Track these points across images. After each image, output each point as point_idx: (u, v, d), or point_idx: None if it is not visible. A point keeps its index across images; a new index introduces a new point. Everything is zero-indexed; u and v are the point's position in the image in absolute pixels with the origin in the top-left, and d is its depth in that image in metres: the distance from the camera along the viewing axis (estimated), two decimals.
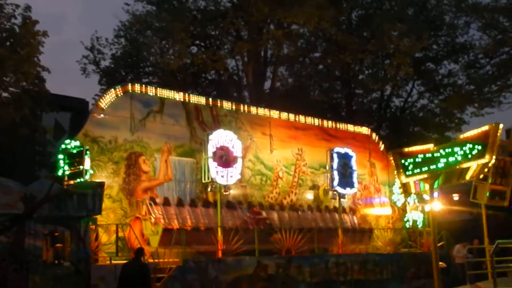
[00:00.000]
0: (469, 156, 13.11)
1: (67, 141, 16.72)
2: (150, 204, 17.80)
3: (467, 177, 14.24)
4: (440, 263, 16.49)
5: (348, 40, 31.66)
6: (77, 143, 16.61)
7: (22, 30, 19.67)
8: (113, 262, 15.55)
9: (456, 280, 20.82)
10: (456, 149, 13.34)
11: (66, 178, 16.05)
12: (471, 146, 13.14)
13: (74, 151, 16.40)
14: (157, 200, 18.28)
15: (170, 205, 18.45)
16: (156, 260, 16.42)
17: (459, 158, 13.25)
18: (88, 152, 16.31)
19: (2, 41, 19.41)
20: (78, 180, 15.87)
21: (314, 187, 24.11)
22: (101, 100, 18.42)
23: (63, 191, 14.80)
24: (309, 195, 23.77)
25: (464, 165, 13.33)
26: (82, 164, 16.02)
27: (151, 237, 17.52)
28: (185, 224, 18.21)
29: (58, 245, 14.64)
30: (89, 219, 15.14)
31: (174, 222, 17.99)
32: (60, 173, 16.26)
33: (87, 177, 16.04)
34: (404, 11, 34.93)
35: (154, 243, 17.26)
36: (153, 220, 17.57)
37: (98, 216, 15.69)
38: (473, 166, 13.54)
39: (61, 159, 16.38)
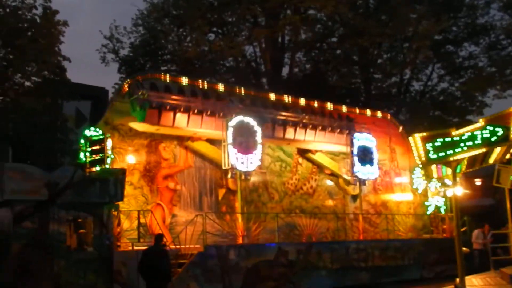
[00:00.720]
0: (492, 139, 12.98)
1: (89, 129, 16.85)
2: None
3: (491, 161, 14.15)
4: (463, 248, 16.44)
5: (365, 24, 31.35)
6: (98, 131, 16.73)
7: (42, 20, 19.78)
8: (135, 248, 15.70)
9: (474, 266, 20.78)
10: (478, 132, 13.21)
11: (88, 165, 16.19)
12: (493, 129, 13.01)
13: (96, 139, 16.53)
14: None
15: None
16: (177, 246, 16.55)
17: (481, 141, 13.13)
18: (109, 139, 16.43)
19: (24, 31, 19.54)
20: (100, 167, 16.00)
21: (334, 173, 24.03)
22: (121, 88, 18.50)
23: (85, 177, 15.00)
24: (329, 181, 23.72)
25: (487, 149, 13.23)
26: (104, 151, 16.14)
27: None
28: None
29: (81, 230, 14.86)
30: (111, 206, 15.33)
31: None
32: (82, 160, 16.40)
33: (108, 164, 16.16)
34: None
35: None
36: None
37: (120, 203, 15.86)
38: (496, 149, 13.43)
39: (83, 146, 16.52)
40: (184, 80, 19.39)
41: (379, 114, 26.31)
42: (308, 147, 22.66)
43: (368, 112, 26.01)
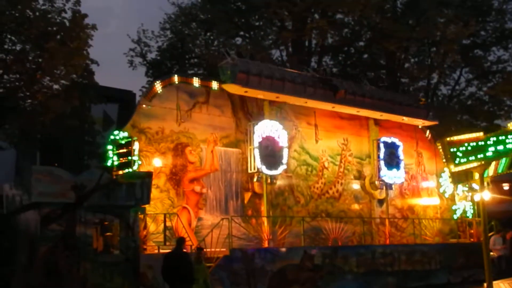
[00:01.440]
0: None
1: (116, 132, 16.99)
2: None
3: None
4: (491, 253, 16.25)
5: (393, 28, 31.16)
6: (126, 134, 16.87)
7: (71, 24, 19.98)
8: (161, 251, 15.80)
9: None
10: (506, 137, 13.04)
11: (115, 168, 16.32)
12: None
13: (123, 142, 16.67)
14: None
15: None
16: (203, 250, 16.60)
17: (510, 146, 12.96)
18: (136, 142, 16.55)
19: (53, 34, 19.75)
20: (127, 170, 16.12)
21: (360, 176, 23.89)
22: (148, 91, 18.66)
23: (112, 180, 15.11)
24: (355, 185, 23.61)
25: None
26: (131, 154, 16.26)
27: None
28: None
29: (108, 233, 14.97)
30: (137, 209, 15.41)
31: None
32: (109, 163, 16.55)
33: (135, 167, 16.27)
34: None
35: None
36: None
37: (146, 206, 15.94)
38: None
39: (110, 149, 16.67)
40: (207, 83, 19.59)
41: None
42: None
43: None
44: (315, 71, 22.59)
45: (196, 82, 19.63)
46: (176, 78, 19.23)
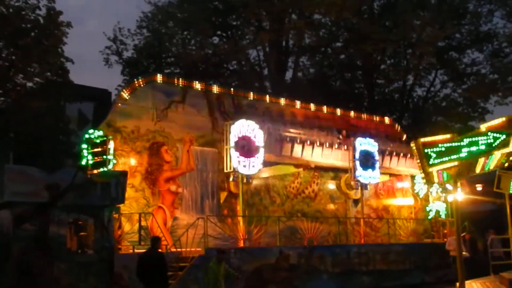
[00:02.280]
0: (493, 145, 12.96)
1: (91, 131, 16.85)
2: None
3: (492, 167, 14.11)
4: (463, 253, 16.42)
5: (370, 30, 31.43)
6: (101, 133, 16.74)
7: (46, 21, 19.83)
8: (136, 250, 15.69)
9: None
10: (480, 138, 13.18)
11: (89, 168, 16.18)
12: (495, 135, 12.98)
13: (98, 141, 16.54)
14: None
15: None
16: (178, 249, 16.55)
17: (483, 147, 13.10)
18: (111, 141, 16.43)
19: (27, 31, 19.57)
20: (102, 169, 15.99)
21: (336, 177, 24.00)
22: (124, 90, 18.55)
23: (86, 180, 14.97)
24: (331, 185, 23.70)
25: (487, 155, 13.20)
26: (106, 153, 16.14)
27: None
28: None
29: (82, 233, 14.82)
30: (112, 208, 15.28)
31: None
32: (84, 162, 16.41)
33: (110, 166, 16.15)
34: (427, 0, 34.55)
35: None
36: None
37: (121, 205, 15.83)
38: (496, 155, 13.41)
39: (84, 148, 16.53)
40: (183, 82, 19.57)
41: (381, 119, 26.33)
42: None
43: (371, 117, 26.07)
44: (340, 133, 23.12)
45: (172, 81, 19.57)
46: (152, 77, 19.16)
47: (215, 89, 20.86)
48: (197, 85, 20.20)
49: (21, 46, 18.99)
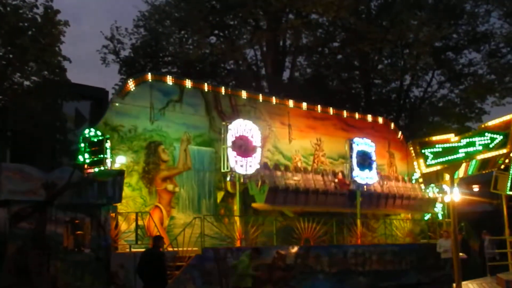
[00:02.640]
0: (490, 146, 13.02)
1: (88, 129, 16.84)
2: None
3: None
4: (460, 254, 16.43)
5: (367, 30, 31.44)
6: (98, 131, 16.72)
7: (43, 20, 19.78)
8: (133, 250, 15.71)
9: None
10: (477, 139, 13.25)
11: (86, 166, 16.17)
12: (492, 136, 13.04)
13: (95, 140, 16.53)
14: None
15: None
16: (175, 249, 16.54)
17: (480, 148, 13.16)
18: (108, 140, 16.41)
19: (24, 30, 19.51)
20: (99, 168, 15.98)
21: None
22: (121, 89, 18.54)
23: (83, 178, 14.97)
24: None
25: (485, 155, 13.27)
26: (103, 152, 16.13)
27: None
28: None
29: (79, 232, 14.82)
30: (109, 207, 15.29)
31: None
32: (81, 161, 16.39)
33: (107, 165, 16.14)
34: (424, 0, 34.59)
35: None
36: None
37: (118, 204, 15.83)
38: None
39: (82, 147, 16.51)
40: (181, 82, 19.55)
41: (379, 119, 26.35)
42: None
43: (368, 117, 26.08)
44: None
45: (169, 80, 19.57)
46: (149, 76, 19.14)
47: (212, 88, 20.83)
48: (195, 85, 20.17)
49: (18, 45, 18.92)
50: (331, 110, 24.69)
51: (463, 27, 36.00)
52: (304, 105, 23.73)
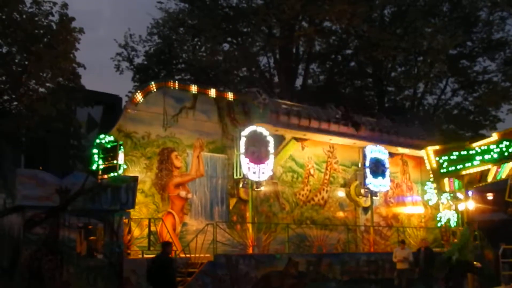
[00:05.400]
0: (506, 153, 12.92)
1: (102, 135, 16.92)
2: None
3: (503, 175, 14.08)
4: (474, 262, 16.28)
5: (380, 37, 31.34)
6: (111, 138, 16.80)
7: (59, 27, 19.96)
8: (145, 256, 15.73)
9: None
10: (492, 146, 13.14)
11: (100, 172, 16.24)
12: (507, 143, 12.94)
13: (109, 146, 16.60)
14: None
15: None
16: (187, 255, 16.55)
17: (496, 155, 13.06)
18: (122, 147, 16.48)
19: (40, 37, 19.69)
20: (112, 174, 16.04)
21: (346, 184, 23.92)
22: (134, 96, 18.62)
23: (97, 184, 15.01)
24: (340, 193, 23.64)
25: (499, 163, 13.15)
26: (116, 158, 16.19)
27: None
28: None
29: (92, 237, 14.86)
30: (122, 213, 15.32)
31: None
32: (94, 167, 16.46)
33: (120, 171, 16.19)
34: (438, 8, 34.47)
35: None
36: None
37: (131, 210, 15.86)
38: (509, 164, 13.37)
39: (95, 153, 16.59)
40: (194, 88, 19.63)
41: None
42: None
43: None
44: (338, 108, 23.45)
45: (183, 87, 19.63)
46: (163, 83, 19.22)
47: (226, 95, 20.87)
48: (208, 91, 20.22)
49: (34, 52, 19.11)
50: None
51: (477, 34, 35.81)
52: None
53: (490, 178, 14.13)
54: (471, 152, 13.09)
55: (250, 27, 33.19)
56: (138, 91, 18.68)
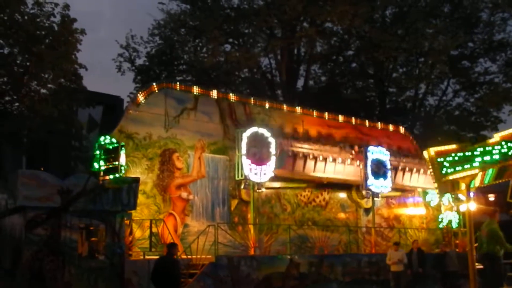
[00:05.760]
0: (507, 154, 12.86)
1: (103, 137, 16.91)
2: None
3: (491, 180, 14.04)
4: (477, 264, 16.24)
5: (381, 38, 31.37)
6: (113, 139, 16.78)
7: (60, 28, 20.00)
8: (147, 257, 15.71)
9: None
10: (494, 147, 13.09)
11: (101, 173, 16.21)
12: (509, 144, 12.88)
13: (110, 147, 16.57)
14: None
15: None
16: (189, 256, 16.54)
17: (497, 157, 13.00)
18: (123, 148, 16.46)
19: (41, 38, 19.75)
20: (114, 175, 16.02)
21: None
22: (136, 97, 18.62)
23: (98, 185, 15.00)
24: (342, 194, 23.62)
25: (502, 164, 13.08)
26: (118, 159, 16.16)
27: None
28: None
29: (93, 238, 14.87)
30: (123, 214, 15.32)
31: None
32: (96, 168, 16.45)
33: (122, 172, 16.18)
34: (439, 9, 34.51)
35: None
36: None
37: (132, 211, 15.85)
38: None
39: (97, 154, 16.56)
40: (196, 89, 19.60)
41: (393, 128, 26.26)
42: None
43: (383, 125, 25.97)
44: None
45: (184, 88, 19.63)
46: (164, 84, 19.22)
47: (227, 96, 20.87)
48: (209, 93, 20.22)
49: (35, 53, 19.15)
50: (340, 118, 24.56)
51: (479, 35, 35.85)
52: (318, 113, 23.67)
53: (491, 180, 14.10)
54: (472, 153, 13.03)
55: (252, 28, 33.21)
56: (140, 92, 18.69)
